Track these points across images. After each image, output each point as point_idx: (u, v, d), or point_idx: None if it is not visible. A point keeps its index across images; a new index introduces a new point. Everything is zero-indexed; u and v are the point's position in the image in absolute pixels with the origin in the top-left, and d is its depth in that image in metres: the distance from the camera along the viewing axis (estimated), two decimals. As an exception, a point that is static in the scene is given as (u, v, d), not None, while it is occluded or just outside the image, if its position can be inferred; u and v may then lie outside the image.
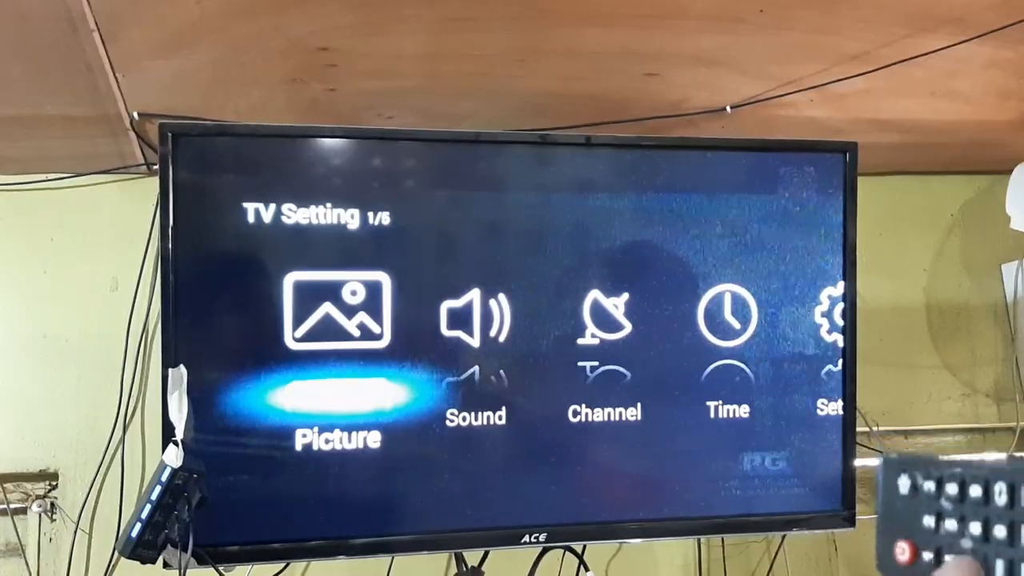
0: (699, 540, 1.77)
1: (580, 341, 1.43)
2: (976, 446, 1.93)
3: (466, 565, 1.47)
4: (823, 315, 1.50)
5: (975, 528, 0.46)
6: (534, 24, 1.28)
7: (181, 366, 1.30)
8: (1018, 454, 1.91)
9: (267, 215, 1.33)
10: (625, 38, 1.33)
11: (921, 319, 1.95)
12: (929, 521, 0.48)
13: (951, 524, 0.47)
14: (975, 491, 0.46)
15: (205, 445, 1.31)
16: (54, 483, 1.64)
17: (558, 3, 1.23)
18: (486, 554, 1.48)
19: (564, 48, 1.36)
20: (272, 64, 1.37)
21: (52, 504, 1.63)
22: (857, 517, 1.52)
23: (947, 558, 0.47)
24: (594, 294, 1.44)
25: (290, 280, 1.34)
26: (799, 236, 1.49)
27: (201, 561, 1.30)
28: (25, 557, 1.62)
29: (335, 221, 1.36)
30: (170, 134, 1.32)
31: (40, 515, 1.63)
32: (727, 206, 1.47)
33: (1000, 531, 0.45)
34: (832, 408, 1.51)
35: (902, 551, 0.49)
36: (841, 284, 1.51)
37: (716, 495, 1.48)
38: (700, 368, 1.47)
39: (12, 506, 1.62)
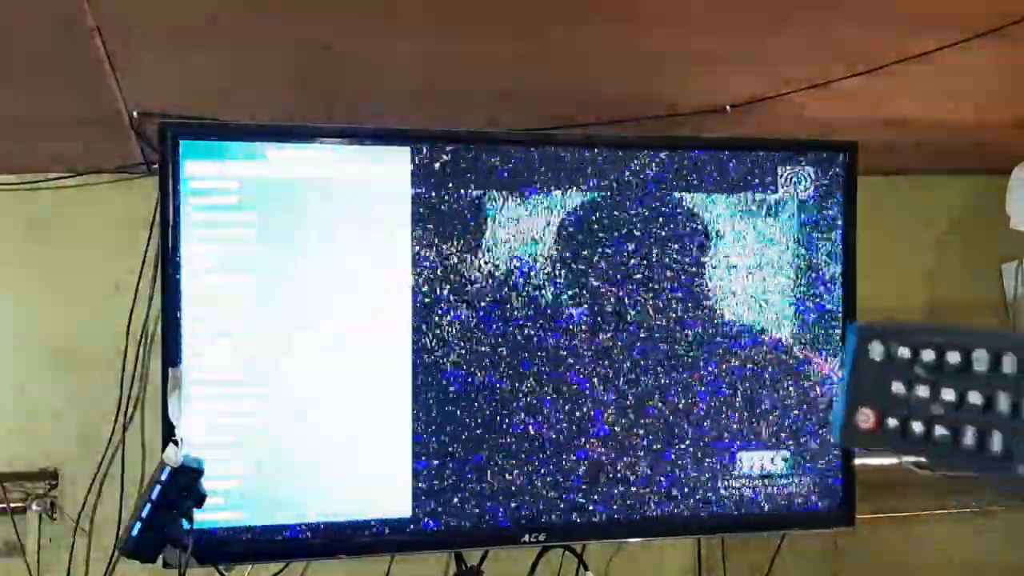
0: (699, 540, 1.77)
1: (580, 338, 1.43)
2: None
3: (466, 565, 1.47)
4: (823, 315, 1.50)
5: (948, 395, 0.45)
6: (534, 24, 1.28)
7: (181, 366, 1.30)
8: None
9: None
10: (625, 38, 1.33)
11: (921, 319, 1.95)
12: (899, 388, 0.47)
13: (923, 391, 0.46)
14: (953, 358, 0.45)
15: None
16: (54, 483, 1.64)
17: (558, 3, 1.23)
18: (486, 554, 1.48)
19: (564, 48, 1.36)
20: (274, 63, 1.37)
21: (52, 504, 1.63)
22: (857, 517, 1.52)
23: (914, 426, 0.46)
24: (595, 291, 1.44)
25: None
26: (799, 236, 1.50)
27: (201, 561, 1.30)
28: (25, 557, 1.61)
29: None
30: (170, 133, 1.32)
31: (40, 515, 1.62)
32: (727, 206, 1.47)
33: (975, 398, 0.44)
34: (832, 408, 1.51)
35: (865, 418, 0.48)
36: (841, 284, 1.51)
37: (716, 495, 1.48)
38: (700, 367, 1.47)
39: (12, 506, 1.62)
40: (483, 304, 1.41)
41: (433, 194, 1.39)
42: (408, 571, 1.58)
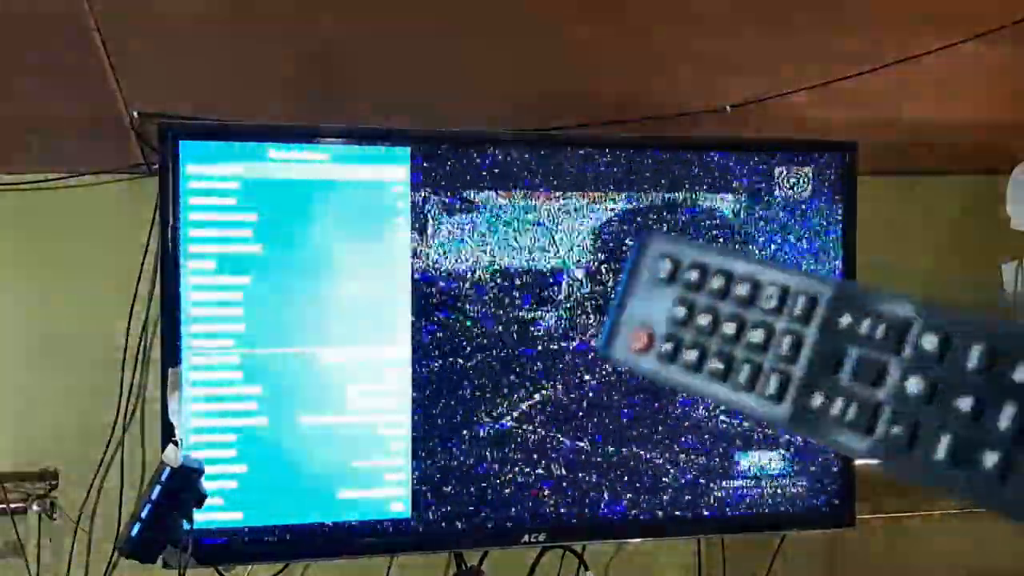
0: (699, 540, 1.77)
1: (580, 338, 1.44)
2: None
3: (466, 565, 1.47)
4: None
5: (729, 328, 0.42)
6: (534, 24, 1.28)
7: (181, 366, 1.31)
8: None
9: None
10: (625, 38, 1.33)
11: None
12: (679, 312, 0.43)
13: (703, 319, 0.43)
14: (741, 289, 0.42)
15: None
16: (54, 483, 1.64)
17: (558, 3, 1.23)
18: (486, 554, 1.48)
19: (564, 48, 1.36)
20: (274, 63, 1.37)
21: (52, 504, 1.63)
22: (857, 517, 1.52)
23: (686, 354, 0.43)
24: (595, 290, 1.44)
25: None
26: (799, 236, 1.50)
27: (201, 561, 1.30)
28: (25, 557, 1.61)
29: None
30: (170, 134, 1.32)
31: (40, 515, 1.62)
32: (727, 206, 1.47)
33: (756, 335, 0.41)
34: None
35: (637, 338, 0.44)
36: (841, 284, 1.50)
37: (716, 495, 1.48)
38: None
39: (12, 506, 1.61)
40: (483, 304, 1.41)
41: (433, 194, 1.39)
42: (408, 571, 1.58)
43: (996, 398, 0.35)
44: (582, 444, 1.44)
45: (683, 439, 1.47)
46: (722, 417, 1.47)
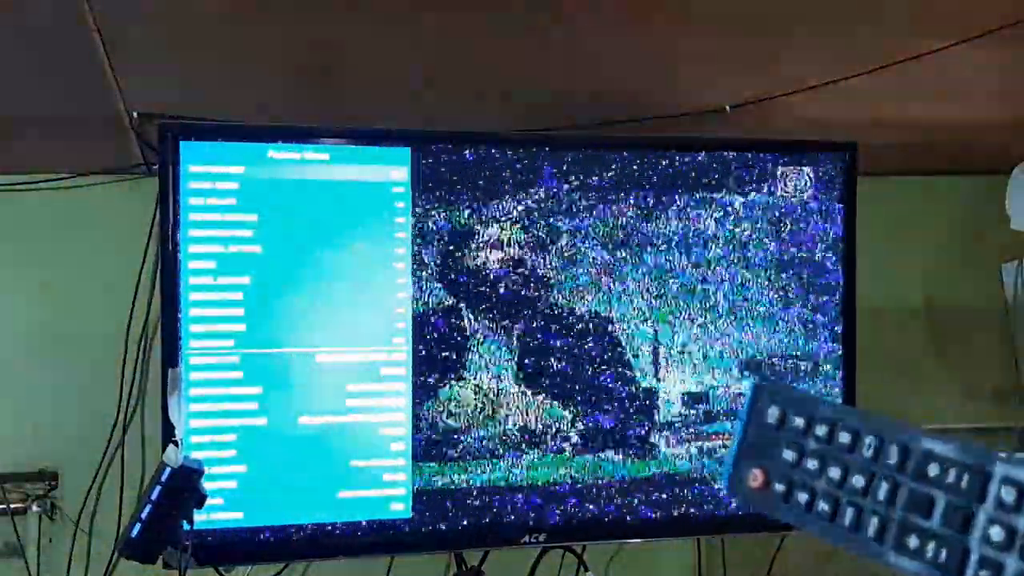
0: (699, 540, 1.77)
1: (581, 338, 1.44)
2: (976, 446, 1.93)
3: (466, 565, 1.47)
4: (823, 315, 1.50)
5: (834, 472, 0.46)
6: (535, 24, 1.28)
7: (181, 366, 1.31)
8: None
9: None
10: (625, 38, 1.33)
11: (921, 319, 1.95)
12: (789, 455, 0.48)
13: (811, 463, 0.47)
14: (844, 438, 0.47)
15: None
16: (54, 483, 1.64)
17: (559, 3, 1.23)
18: (486, 554, 1.48)
19: (564, 48, 1.36)
20: (274, 63, 1.37)
21: (52, 504, 1.63)
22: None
23: (798, 495, 0.48)
24: (595, 290, 1.44)
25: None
26: (799, 236, 1.50)
27: (201, 561, 1.30)
28: (25, 557, 1.61)
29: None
30: (170, 134, 1.32)
31: (40, 515, 1.62)
32: (727, 206, 1.47)
33: (858, 481, 0.46)
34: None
35: (754, 477, 0.49)
36: (841, 284, 1.51)
37: (716, 495, 1.48)
38: (699, 367, 1.47)
39: (12, 506, 1.61)
40: (484, 303, 1.41)
41: (433, 194, 1.39)
42: (408, 571, 1.58)
43: None
44: (582, 444, 1.44)
45: (684, 439, 1.47)
46: (722, 417, 1.48)
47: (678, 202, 1.46)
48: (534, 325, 1.42)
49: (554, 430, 1.43)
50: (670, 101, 1.51)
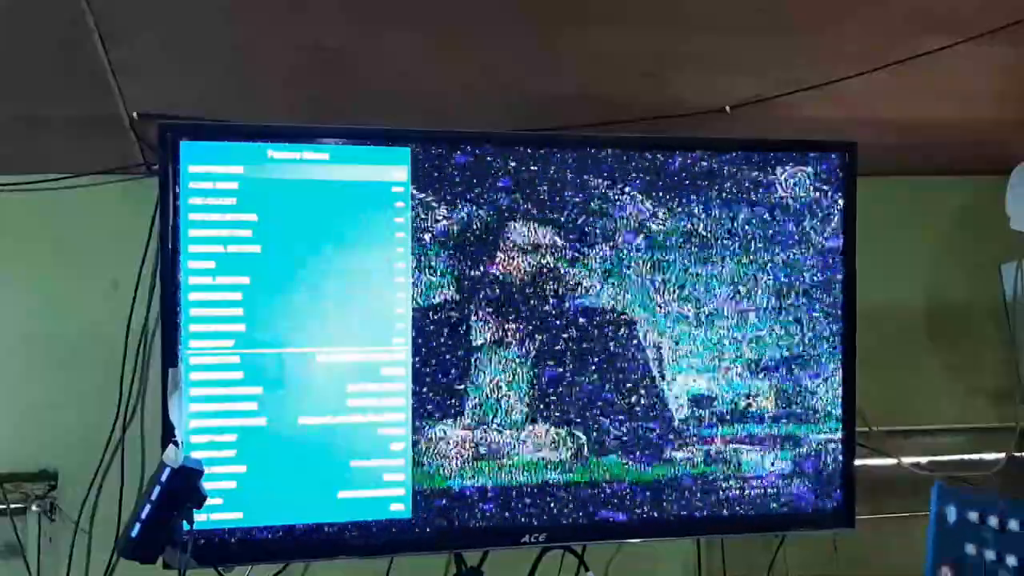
0: (699, 540, 1.77)
1: (581, 338, 1.44)
2: (976, 446, 1.93)
3: (466, 565, 1.47)
4: (823, 315, 1.50)
5: (1012, 560, 0.49)
6: (535, 25, 1.28)
7: (181, 366, 1.31)
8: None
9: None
10: (626, 38, 1.33)
11: (921, 319, 1.95)
12: (971, 549, 0.51)
13: (990, 554, 0.50)
14: (1014, 526, 0.49)
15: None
16: (54, 483, 1.64)
17: (559, 4, 1.23)
18: (486, 554, 1.48)
19: (565, 49, 1.36)
20: (274, 64, 1.37)
21: (52, 504, 1.63)
22: (857, 517, 1.52)
23: None
24: (595, 291, 1.44)
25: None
26: (799, 236, 1.50)
27: (201, 561, 1.30)
28: (25, 557, 1.61)
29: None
30: (170, 134, 1.32)
31: (40, 515, 1.62)
32: (727, 206, 1.47)
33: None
34: (832, 408, 1.51)
35: (945, 574, 0.52)
36: (841, 284, 1.51)
37: (716, 495, 1.48)
38: (699, 368, 1.47)
39: (12, 506, 1.61)
40: (484, 303, 1.41)
41: (433, 194, 1.39)
42: (408, 571, 1.58)
43: None
44: (582, 444, 1.44)
45: (684, 439, 1.47)
46: (723, 417, 1.47)
47: (678, 203, 1.46)
48: (537, 324, 1.42)
49: (555, 432, 1.43)
50: (670, 101, 1.51)
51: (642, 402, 1.45)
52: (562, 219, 1.43)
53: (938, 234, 1.95)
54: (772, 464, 1.49)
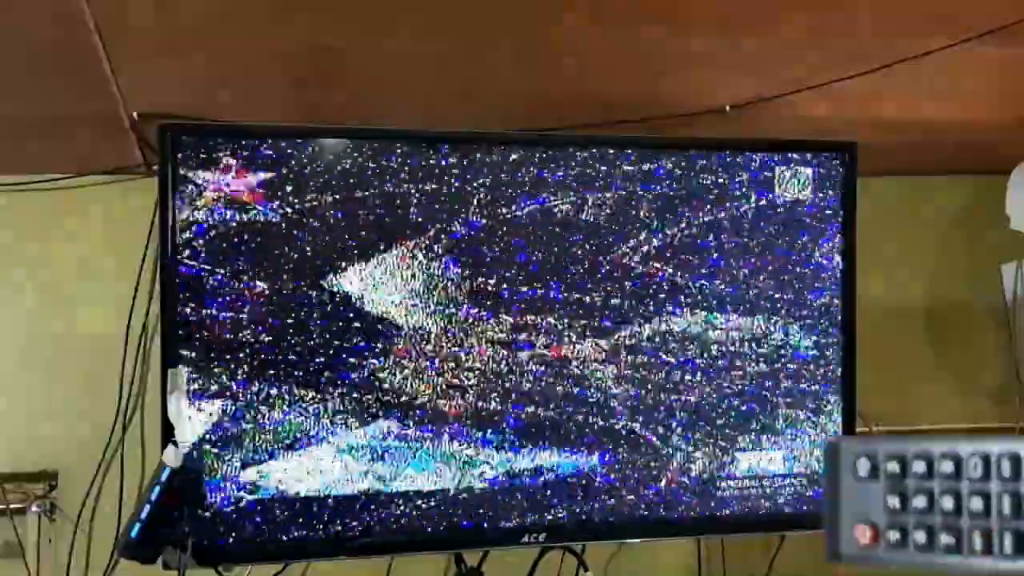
0: (699, 540, 1.77)
1: (581, 338, 1.44)
2: (976, 446, 1.93)
3: (466, 565, 1.47)
4: (823, 315, 1.50)
5: (947, 503, 0.45)
6: (535, 24, 1.28)
7: (181, 366, 1.30)
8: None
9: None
10: (625, 38, 1.33)
11: (921, 319, 1.95)
12: (893, 501, 0.47)
13: (919, 502, 0.46)
14: (946, 467, 0.46)
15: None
16: (54, 483, 1.64)
17: (558, 3, 1.23)
18: (486, 554, 1.48)
19: (564, 48, 1.35)
20: (273, 64, 1.37)
21: (52, 504, 1.63)
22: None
23: (915, 536, 0.47)
24: (596, 291, 1.44)
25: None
26: (799, 236, 1.50)
27: (201, 561, 1.30)
28: (25, 557, 1.61)
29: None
30: (170, 134, 1.32)
31: (40, 515, 1.62)
32: (727, 206, 1.47)
33: (976, 503, 0.44)
34: (832, 408, 1.51)
35: (862, 534, 0.48)
36: (841, 284, 1.51)
37: (715, 495, 1.48)
38: (699, 367, 1.47)
39: (12, 506, 1.61)
40: (485, 302, 1.41)
41: (433, 194, 1.39)
42: (408, 571, 1.58)
43: None
44: (582, 444, 1.44)
45: (684, 439, 1.47)
46: (723, 417, 1.48)
47: (677, 203, 1.46)
48: (534, 322, 1.42)
49: (551, 431, 1.43)
50: (670, 101, 1.51)
51: (644, 402, 1.45)
52: (562, 218, 1.43)
53: (938, 234, 1.95)
54: (772, 464, 1.49)
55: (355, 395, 1.37)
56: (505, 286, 1.41)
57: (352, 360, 1.37)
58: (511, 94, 1.49)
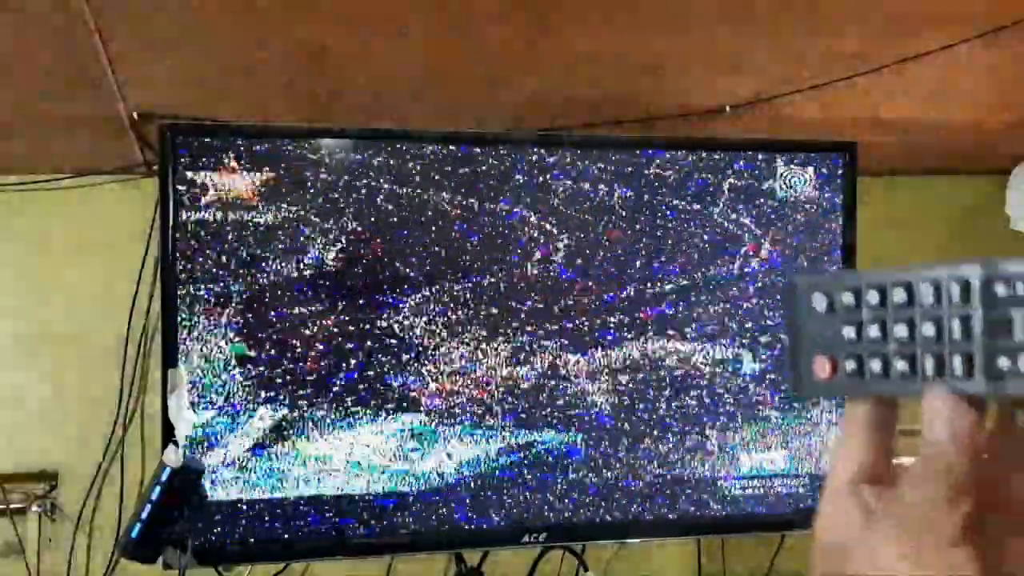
0: (699, 540, 1.77)
1: (581, 338, 1.44)
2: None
3: (466, 565, 1.47)
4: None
5: (900, 331, 0.46)
6: (534, 24, 1.28)
7: (181, 366, 1.31)
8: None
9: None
10: (625, 38, 1.33)
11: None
12: (849, 332, 0.48)
13: (873, 331, 0.47)
14: (898, 295, 0.46)
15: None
16: (54, 483, 1.64)
17: (558, 3, 1.23)
18: (486, 554, 1.48)
19: (564, 48, 1.35)
20: (273, 64, 1.37)
21: (52, 504, 1.63)
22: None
23: (871, 365, 0.47)
24: (595, 292, 1.44)
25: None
26: (799, 236, 1.50)
27: (201, 561, 1.30)
28: (25, 557, 1.61)
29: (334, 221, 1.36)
30: (170, 134, 1.32)
31: (40, 515, 1.62)
32: (727, 206, 1.47)
33: (928, 329, 0.45)
34: (832, 408, 1.51)
35: (821, 367, 0.49)
36: (841, 284, 1.50)
37: (716, 495, 1.48)
38: (699, 368, 1.47)
39: (12, 506, 1.62)
40: (485, 303, 1.41)
41: (433, 194, 1.39)
42: (408, 571, 1.58)
43: None
44: (582, 444, 1.44)
45: (684, 439, 1.47)
46: (723, 417, 1.48)
47: (677, 203, 1.46)
48: (533, 322, 1.42)
49: (551, 431, 1.43)
50: (670, 101, 1.51)
51: (644, 402, 1.45)
52: (562, 218, 1.43)
53: (938, 234, 1.95)
54: (772, 464, 1.49)
55: (355, 396, 1.37)
56: (505, 286, 1.41)
57: (352, 360, 1.37)
58: (511, 94, 1.49)
